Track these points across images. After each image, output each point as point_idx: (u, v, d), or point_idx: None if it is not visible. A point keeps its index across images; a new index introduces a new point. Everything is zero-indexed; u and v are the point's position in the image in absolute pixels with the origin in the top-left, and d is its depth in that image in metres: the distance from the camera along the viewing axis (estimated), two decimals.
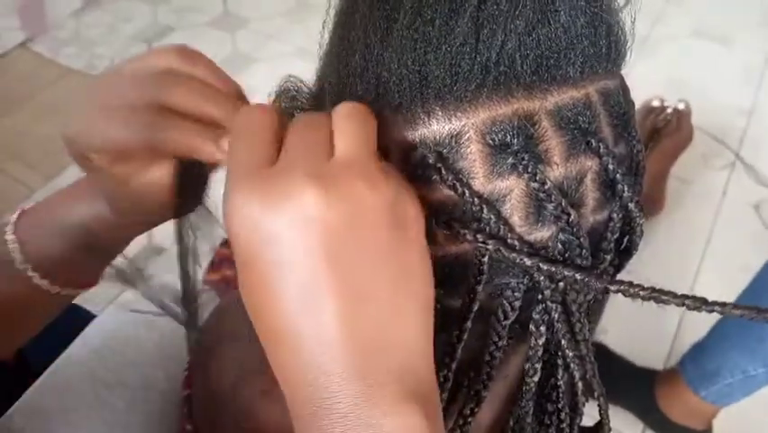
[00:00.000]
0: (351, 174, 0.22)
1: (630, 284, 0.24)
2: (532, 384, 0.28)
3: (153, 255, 1.19)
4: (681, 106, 1.19)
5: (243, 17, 1.67)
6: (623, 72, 0.29)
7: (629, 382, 1.00)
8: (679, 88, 1.40)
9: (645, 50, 1.52)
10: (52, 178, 1.28)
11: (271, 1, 1.71)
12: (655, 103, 1.21)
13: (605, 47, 0.26)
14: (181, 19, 1.66)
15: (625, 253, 0.29)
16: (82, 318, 0.65)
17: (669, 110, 1.19)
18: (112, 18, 1.65)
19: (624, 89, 0.28)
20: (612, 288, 0.25)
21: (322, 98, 0.30)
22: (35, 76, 1.48)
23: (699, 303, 0.24)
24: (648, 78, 1.37)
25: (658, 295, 0.24)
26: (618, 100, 0.27)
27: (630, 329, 1.02)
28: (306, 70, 0.33)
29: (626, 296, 0.24)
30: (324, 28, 0.29)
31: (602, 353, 1.01)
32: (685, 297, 0.24)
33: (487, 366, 0.28)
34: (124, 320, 0.55)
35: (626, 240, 0.29)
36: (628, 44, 0.27)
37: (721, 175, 1.35)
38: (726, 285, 0.92)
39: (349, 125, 0.24)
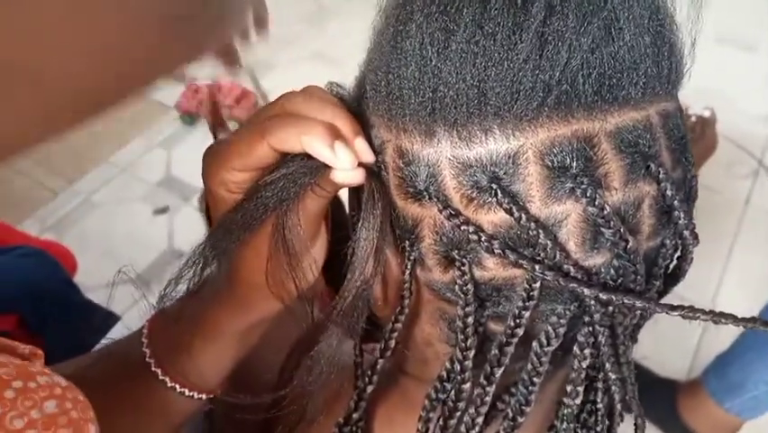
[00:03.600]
0: None
1: (691, 309, 0.23)
2: (574, 407, 0.28)
3: (173, 260, 1.20)
4: (706, 114, 1.17)
5: None
6: None
7: (651, 393, 0.99)
8: (701, 95, 1.38)
9: None
10: (75, 181, 1.30)
11: (290, 6, 1.72)
12: None
13: (667, 68, 0.25)
14: None
15: (672, 277, 0.28)
16: (104, 320, 0.66)
17: (693, 118, 1.17)
18: None
19: (681, 112, 0.27)
20: (673, 313, 0.24)
21: (361, 103, 0.28)
22: None
23: (760, 324, 0.23)
24: None
25: (718, 318, 0.23)
26: (677, 123, 0.26)
27: (651, 340, 1.00)
28: (324, 74, 0.32)
29: (684, 318, 0.24)
30: (371, 29, 0.27)
31: None
32: (744, 319, 0.23)
33: (525, 391, 0.27)
34: None
35: (673, 266, 0.28)
36: (687, 66, 0.26)
37: (744, 183, 1.33)
38: (749, 294, 0.91)
39: None
